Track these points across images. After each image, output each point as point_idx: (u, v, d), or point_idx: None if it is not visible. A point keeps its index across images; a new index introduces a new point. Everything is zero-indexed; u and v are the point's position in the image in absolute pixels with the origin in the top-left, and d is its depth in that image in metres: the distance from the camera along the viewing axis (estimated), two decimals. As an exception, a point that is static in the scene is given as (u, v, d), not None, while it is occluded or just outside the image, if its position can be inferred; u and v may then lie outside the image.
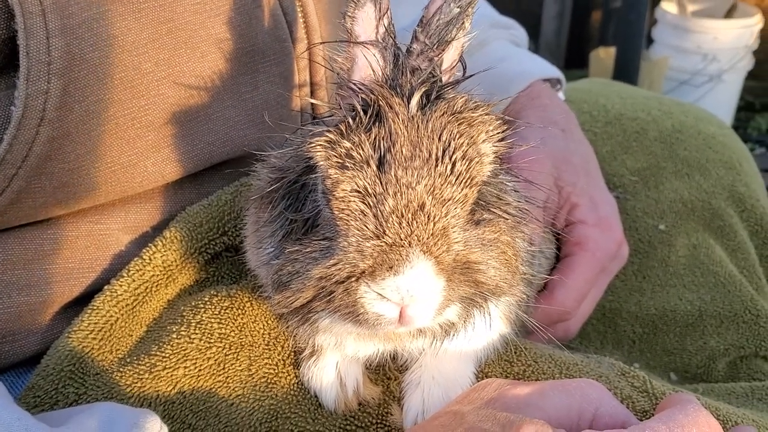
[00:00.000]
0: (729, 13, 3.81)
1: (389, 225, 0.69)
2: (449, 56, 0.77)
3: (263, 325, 0.96)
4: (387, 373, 0.97)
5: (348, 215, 0.71)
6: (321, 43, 1.10)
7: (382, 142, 0.70)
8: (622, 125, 1.51)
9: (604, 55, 3.65)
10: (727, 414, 0.93)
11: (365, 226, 0.70)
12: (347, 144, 0.71)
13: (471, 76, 0.79)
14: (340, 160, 0.71)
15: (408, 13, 1.11)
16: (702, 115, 1.57)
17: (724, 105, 3.74)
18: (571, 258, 1.21)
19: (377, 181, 0.70)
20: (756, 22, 3.65)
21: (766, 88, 4.15)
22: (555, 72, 1.43)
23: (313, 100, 1.12)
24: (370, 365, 0.96)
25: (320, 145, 0.72)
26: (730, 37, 3.61)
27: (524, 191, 0.91)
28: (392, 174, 0.69)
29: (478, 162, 0.72)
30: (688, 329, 1.32)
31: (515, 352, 0.97)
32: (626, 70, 3.33)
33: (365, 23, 0.74)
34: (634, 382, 0.95)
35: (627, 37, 3.34)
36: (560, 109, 1.35)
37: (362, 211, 0.70)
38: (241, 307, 0.96)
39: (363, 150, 0.70)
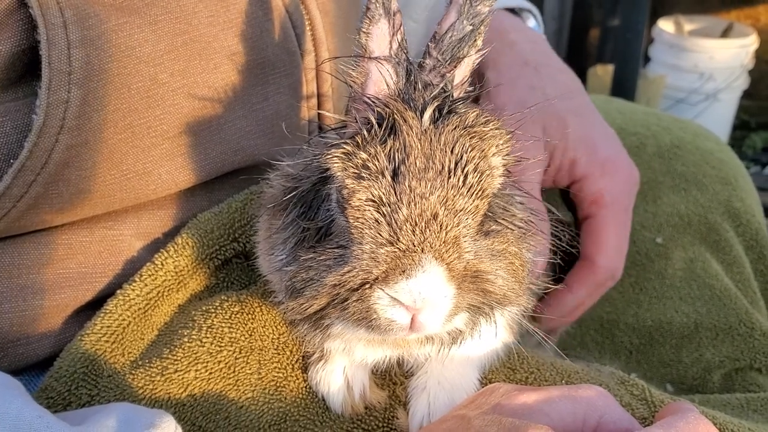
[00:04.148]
0: (725, 33, 3.86)
1: (403, 232, 0.71)
2: (461, 72, 0.80)
3: (272, 330, 0.98)
4: (393, 378, 0.99)
5: (363, 223, 0.73)
6: (335, 57, 1.12)
7: (396, 154, 0.72)
8: (621, 140, 1.52)
9: (602, 73, 3.69)
10: (724, 423, 0.94)
11: (379, 233, 0.72)
12: (363, 155, 0.73)
13: (481, 91, 0.81)
14: (356, 171, 0.73)
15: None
16: (700, 132, 1.59)
17: (720, 123, 3.78)
18: (593, 219, 1.20)
19: (392, 191, 0.72)
20: (751, 42, 3.69)
21: (761, 107, 4.19)
22: (519, 1, 1.34)
23: (320, 111, 1.14)
24: (377, 370, 0.97)
25: (337, 156, 0.74)
26: (726, 57, 3.65)
27: (528, 202, 0.93)
28: (406, 184, 0.71)
29: (489, 175, 0.75)
30: (684, 341, 1.33)
31: (518, 360, 0.99)
32: (624, 88, 3.37)
33: (379, 39, 0.77)
34: (633, 391, 0.97)
35: (624, 55, 3.38)
36: (529, 42, 1.29)
37: (377, 220, 0.72)
38: (251, 312, 0.98)
39: (378, 161, 0.72)
